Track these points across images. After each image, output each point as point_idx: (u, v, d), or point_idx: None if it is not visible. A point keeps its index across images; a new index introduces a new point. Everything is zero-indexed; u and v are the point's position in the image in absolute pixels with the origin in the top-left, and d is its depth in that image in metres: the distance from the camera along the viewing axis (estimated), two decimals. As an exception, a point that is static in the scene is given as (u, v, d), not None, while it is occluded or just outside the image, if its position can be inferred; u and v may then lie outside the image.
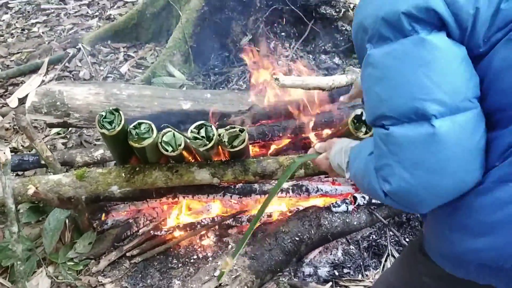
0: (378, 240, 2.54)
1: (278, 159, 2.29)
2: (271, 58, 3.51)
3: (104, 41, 4.47)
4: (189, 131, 2.05)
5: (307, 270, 2.40)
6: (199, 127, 2.07)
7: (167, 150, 2.05)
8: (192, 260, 2.50)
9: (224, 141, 2.08)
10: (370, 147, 1.11)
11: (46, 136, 3.48)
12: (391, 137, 0.96)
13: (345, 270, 2.41)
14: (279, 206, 2.72)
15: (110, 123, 1.95)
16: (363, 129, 1.84)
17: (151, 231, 2.60)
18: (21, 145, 3.39)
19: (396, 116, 0.95)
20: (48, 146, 3.43)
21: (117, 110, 1.98)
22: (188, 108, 2.91)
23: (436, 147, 0.90)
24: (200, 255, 2.53)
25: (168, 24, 4.35)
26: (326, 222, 2.36)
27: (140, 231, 2.64)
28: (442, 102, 0.90)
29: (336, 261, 2.45)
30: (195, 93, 3.01)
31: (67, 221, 2.53)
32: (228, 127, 2.14)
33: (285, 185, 2.62)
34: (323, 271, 2.40)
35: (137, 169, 2.19)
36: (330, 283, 2.28)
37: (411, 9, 0.91)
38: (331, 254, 2.49)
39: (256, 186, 2.60)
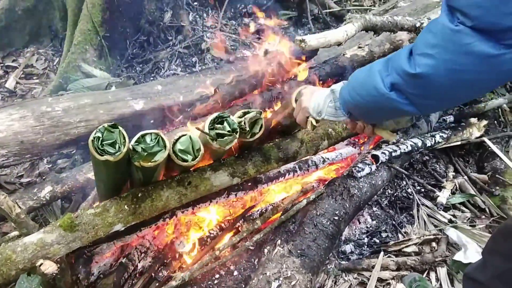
0: (395, 194, 2.41)
1: (296, 136, 1.98)
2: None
3: (-33, 55, 3.50)
4: (206, 128, 1.62)
5: (348, 248, 2.16)
6: (214, 122, 1.65)
7: (185, 160, 1.59)
8: (216, 281, 2.09)
9: (247, 130, 1.71)
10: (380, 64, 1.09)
11: None
12: (457, 36, 0.87)
13: (383, 234, 2.23)
14: (286, 193, 2.41)
15: (112, 145, 1.44)
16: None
17: (154, 264, 2.10)
18: None
19: (477, 22, 0.84)
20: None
21: (115, 126, 1.46)
22: (142, 108, 2.38)
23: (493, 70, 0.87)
24: (223, 272, 2.13)
25: (48, 18, 3.55)
26: (356, 190, 2.13)
27: (139, 266, 2.12)
28: None
29: (370, 228, 2.26)
30: (143, 88, 2.47)
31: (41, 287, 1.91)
32: (241, 112, 1.76)
33: (290, 165, 2.31)
34: (363, 243, 2.20)
35: (139, 195, 1.70)
36: (382, 253, 2.09)
37: None
38: (359, 223, 2.29)
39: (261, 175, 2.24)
